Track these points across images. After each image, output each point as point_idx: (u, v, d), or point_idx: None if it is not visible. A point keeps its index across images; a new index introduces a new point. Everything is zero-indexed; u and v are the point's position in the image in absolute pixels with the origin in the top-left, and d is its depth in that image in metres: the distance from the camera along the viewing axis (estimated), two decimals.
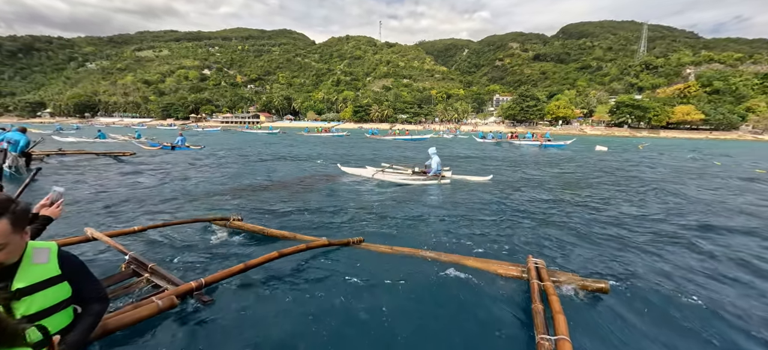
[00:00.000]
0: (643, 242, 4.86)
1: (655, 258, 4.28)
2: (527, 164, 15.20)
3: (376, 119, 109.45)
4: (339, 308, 2.90)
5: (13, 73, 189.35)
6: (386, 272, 3.54)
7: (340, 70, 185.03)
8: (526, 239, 4.88)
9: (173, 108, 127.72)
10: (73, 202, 6.48)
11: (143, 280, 2.85)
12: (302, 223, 5.51)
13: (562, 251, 4.47)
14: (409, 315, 2.83)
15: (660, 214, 6.55)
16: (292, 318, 2.74)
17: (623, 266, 3.98)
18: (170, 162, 13.56)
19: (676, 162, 18.38)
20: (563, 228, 5.47)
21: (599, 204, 7.37)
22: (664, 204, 7.56)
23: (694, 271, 3.92)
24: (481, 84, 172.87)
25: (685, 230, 5.53)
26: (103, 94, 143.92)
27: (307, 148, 23.15)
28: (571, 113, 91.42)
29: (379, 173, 10.12)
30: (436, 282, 3.36)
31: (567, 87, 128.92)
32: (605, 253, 4.42)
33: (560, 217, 6.16)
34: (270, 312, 2.80)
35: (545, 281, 2.85)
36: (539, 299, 2.54)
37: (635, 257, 4.28)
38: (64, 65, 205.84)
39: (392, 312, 2.84)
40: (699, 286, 3.54)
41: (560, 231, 5.33)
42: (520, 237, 4.93)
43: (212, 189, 8.33)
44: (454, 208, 6.59)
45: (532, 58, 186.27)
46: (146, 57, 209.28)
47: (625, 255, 4.36)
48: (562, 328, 2.11)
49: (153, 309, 2.22)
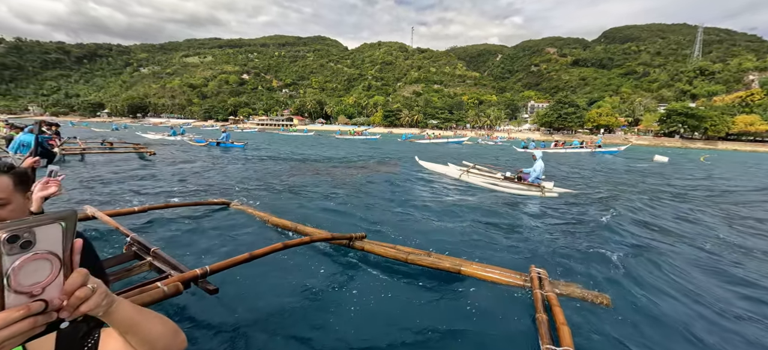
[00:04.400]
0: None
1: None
2: (610, 175, 13.77)
3: (405, 124, 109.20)
4: (339, 305, 2.87)
5: (78, 76, 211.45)
6: (387, 272, 3.48)
7: (372, 76, 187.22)
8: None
9: (214, 110, 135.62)
10: (88, 186, 6.49)
11: (146, 264, 2.76)
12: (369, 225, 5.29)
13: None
14: (407, 319, 2.73)
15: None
16: (293, 311, 2.73)
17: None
18: (214, 156, 14.16)
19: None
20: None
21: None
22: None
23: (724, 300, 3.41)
24: (514, 90, 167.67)
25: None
26: (153, 96, 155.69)
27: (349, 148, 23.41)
28: (614, 121, 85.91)
29: (464, 174, 9.07)
30: (435, 286, 3.27)
31: (609, 93, 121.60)
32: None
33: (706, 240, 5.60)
34: (272, 303, 2.78)
35: (548, 291, 2.76)
36: (543, 308, 2.48)
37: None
38: (121, 70, 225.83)
39: (390, 314, 2.78)
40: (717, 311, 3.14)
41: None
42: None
43: (241, 180, 8.46)
44: (568, 233, 5.40)
45: (571, 64, 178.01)
46: (192, 63, 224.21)
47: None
48: (567, 339, 2.08)
49: (158, 294, 2.14)
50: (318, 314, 2.71)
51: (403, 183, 8.90)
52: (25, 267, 0.51)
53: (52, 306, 0.53)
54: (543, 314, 2.43)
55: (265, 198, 6.40)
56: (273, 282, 3.10)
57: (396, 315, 2.78)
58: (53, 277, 0.54)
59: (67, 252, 0.56)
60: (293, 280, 3.17)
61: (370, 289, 3.15)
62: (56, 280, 0.54)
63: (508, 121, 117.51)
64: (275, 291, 2.96)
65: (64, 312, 0.55)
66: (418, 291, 3.16)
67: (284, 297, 2.88)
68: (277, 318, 2.60)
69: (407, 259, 3.49)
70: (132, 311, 0.68)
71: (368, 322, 2.66)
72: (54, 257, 0.54)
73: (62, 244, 0.55)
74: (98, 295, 0.58)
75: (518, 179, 8.49)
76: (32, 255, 0.52)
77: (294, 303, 2.82)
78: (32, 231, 0.51)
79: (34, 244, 0.52)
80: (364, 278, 3.36)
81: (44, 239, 0.53)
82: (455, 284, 3.28)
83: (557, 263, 4.14)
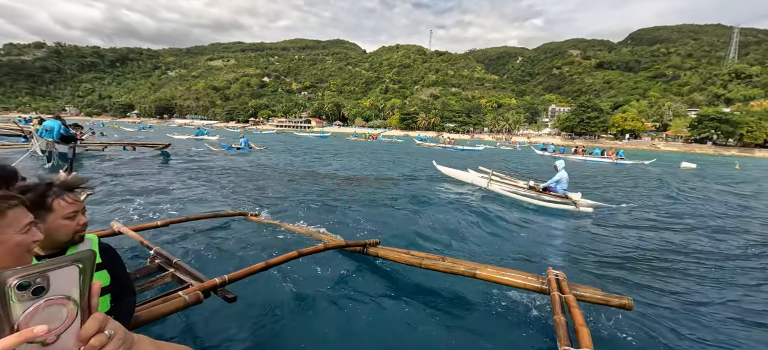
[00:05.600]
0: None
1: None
2: (639, 184, 13.20)
3: (422, 127, 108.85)
4: (354, 311, 2.91)
5: (111, 79, 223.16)
6: (401, 278, 3.50)
7: (389, 78, 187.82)
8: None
9: (235, 112, 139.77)
10: (109, 195, 6.73)
11: (169, 275, 2.89)
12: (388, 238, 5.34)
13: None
14: (423, 324, 2.75)
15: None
16: (309, 318, 2.79)
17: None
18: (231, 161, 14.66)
19: None
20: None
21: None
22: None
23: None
24: (535, 93, 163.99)
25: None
26: (179, 98, 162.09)
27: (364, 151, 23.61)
28: (640, 126, 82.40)
29: (488, 182, 8.69)
30: (451, 291, 3.27)
31: (636, 97, 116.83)
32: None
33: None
34: (289, 310, 2.86)
35: (566, 293, 2.68)
36: (561, 311, 2.41)
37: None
38: (150, 73, 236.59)
39: (407, 320, 2.79)
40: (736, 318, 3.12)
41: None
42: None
43: (257, 187, 8.68)
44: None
45: (595, 66, 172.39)
46: (216, 66, 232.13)
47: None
48: (586, 341, 2.04)
49: (180, 303, 2.24)
50: (333, 320, 2.78)
51: (419, 191, 8.93)
52: (38, 315, 0.49)
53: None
54: (561, 316, 2.35)
55: (280, 205, 6.60)
56: (289, 290, 3.21)
57: (412, 320, 2.80)
58: (69, 323, 0.51)
59: (84, 296, 0.54)
60: (309, 287, 3.27)
61: (385, 295, 3.20)
62: (73, 326, 0.52)
63: (528, 124, 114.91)
64: (291, 299, 3.06)
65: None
66: (433, 296, 3.18)
67: (300, 304, 2.97)
68: (294, 324, 2.69)
69: (421, 264, 3.48)
70: (151, 349, 0.67)
71: (384, 328, 2.70)
72: (70, 302, 0.52)
73: (79, 287, 0.53)
74: (115, 342, 0.55)
75: (544, 191, 8.08)
76: (45, 301, 0.49)
77: (310, 310, 2.91)
78: (46, 275, 0.49)
79: (48, 290, 0.50)
80: (379, 284, 3.41)
81: (59, 283, 0.51)
82: (471, 288, 3.28)
83: (577, 268, 4.11)
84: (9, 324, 0.47)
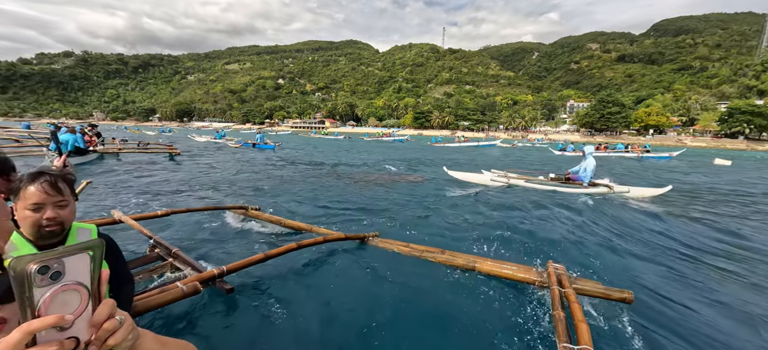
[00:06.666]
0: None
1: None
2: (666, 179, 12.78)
3: (436, 125, 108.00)
4: (352, 303, 2.87)
5: (134, 84, 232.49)
6: (399, 269, 3.43)
7: (402, 77, 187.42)
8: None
9: (251, 114, 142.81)
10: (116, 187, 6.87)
11: (168, 265, 2.89)
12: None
13: None
14: (421, 316, 2.69)
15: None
16: (307, 309, 2.75)
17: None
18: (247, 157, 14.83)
19: None
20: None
21: None
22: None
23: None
24: (552, 89, 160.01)
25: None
26: (198, 101, 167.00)
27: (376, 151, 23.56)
28: (665, 121, 78.89)
29: (502, 178, 8.55)
30: (450, 283, 3.21)
31: (660, 91, 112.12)
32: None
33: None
34: (287, 301, 2.80)
35: (566, 288, 2.62)
36: (560, 306, 2.38)
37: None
38: (170, 78, 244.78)
39: (404, 312, 2.74)
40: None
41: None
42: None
43: (265, 182, 8.70)
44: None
45: (616, 59, 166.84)
46: (232, 69, 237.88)
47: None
48: (585, 337, 2.04)
49: (178, 293, 2.21)
50: (331, 311, 2.71)
51: (427, 185, 8.72)
52: (55, 299, 0.50)
53: (82, 340, 0.52)
54: (560, 311, 2.31)
55: (283, 201, 6.56)
56: (288, 281, 3.15)
57: (409, 312, 2.75)
58: (82, 309, 0.53)
59: (95, 283, 0.55)
60: (308, 279, 3.22)
61: (383, 286, 3.14)
62: (85, 312, 0.53)
63: (545, 121, 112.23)
64: (290, 290, 3.00)
65: (92, 346, 0.53)
66: (432, 289, 3.10)
67: (299, 295, 2.91)
68: (292, 315, 2.62)
69: (421, 256, 3.48)
70: (154, 346, 0.67)
71: (381, 319, 2.63)
72: (82, 288, 0.53)
73: (90, 274, 0.54)
74: (125, 328, 0.57)
75: (566, 180, 7.70)
76: (61, 286, 0.50)
77: (308, 300, 2.84)
78: (62, 261, 0.51)
79: (64, 275, 0.51)
80: (378, 275, 3.34)
81: (73, 269, 0.52)
82: (470, 281, 3.20)
83: (580, 261, 3.90)
84: (31, 308, 0.49)
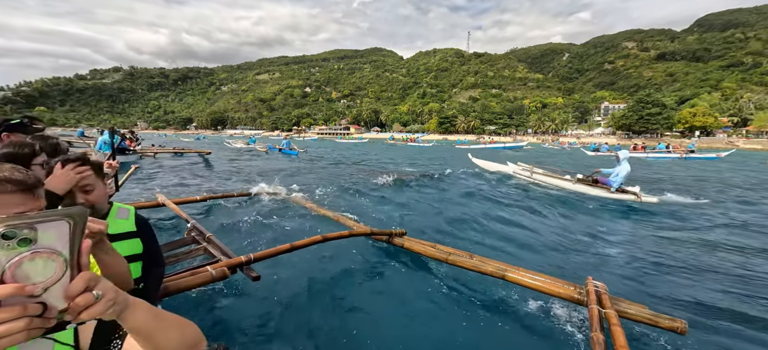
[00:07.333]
0: None
1: None
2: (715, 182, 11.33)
3: (461, 130, 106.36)
4: (374, 299, 2.85)
5: (174, 96, 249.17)
6: (426, 271, 3.36)
7: (426, 83, 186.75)
8: None
9: (280, 121, 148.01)
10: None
11: (201, 249, 3.05)
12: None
13: None
14: (445, 322, 2.59)
15: None
16: (328, 301, 2.78)
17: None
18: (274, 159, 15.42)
19: None
20: None
21: None
22: None
23: None
24: (584, 91, 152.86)
25: None
26: (231, 110, 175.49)
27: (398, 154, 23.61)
28: (713, 121, 72.84)
29: (526, 171, 8.19)
30: (477, 290, 3.07)
31: (706, 90, 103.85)
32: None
33: None
34: (310, 293, 2.86)
35: (607, 308, 2.39)
36: (599, 327, 2.20)
37: None
38: (206, 89, 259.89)
39: (428, 315, 2.67)
40: None
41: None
42: None
43: (292, 177, 8.93)
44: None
45: (655, 58, 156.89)
46: (263, 79, 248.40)
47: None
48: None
49: (207, 277, 2.33)
50: (354, 307, 2.76)
51: (453, 182, 8.64)
52: (24, 265, 0.48)
53: (53, 308, 0.51)
54: (599, 333, 2.12)
55: (312, 190, 6.79)
56: (312, 273, 3.24)
57: (433, 316, 2.70)
58: (56, 278, 0.51)
59: (74, 252, 0.52)
60: (332, 273, 3.29)
61: (407, 287, 3.12)
62: (61, 281, 0.51)
63: (577, 124, 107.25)
64: (314, 282, 3.09)
65: (68, 315, 0.52)
66: (457, 295, 3.03)
67: (322, 289, 2.99)
68: (314, 307, 2.70)
69: (447, 259, 3.35)
70: (147, 316, 0.65)
71: (404, 320, 2.63)
72: (57, 256, 0.50)
73: (69, 243, 0.51)
74: (103, 303, 0.55)
75: (594, 182, 7.29)
76: (30, 252, 0.48)
77: (331, 295, 2.91)
78: (34, 227, 0.48)
79: (35, 242, 0.49)
80: (403, 275, 3.34)
81: (48, 236, 0.50)
82: (498, 291, 3.08)
83: (622, 280, 3.64)
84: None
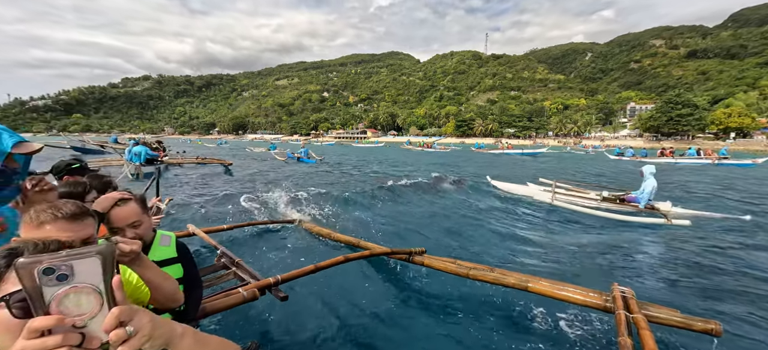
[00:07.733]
0: None
1: None
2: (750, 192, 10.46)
3: (479, 134, 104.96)
4: (397, 318, 2.95)
5: (198, 102, 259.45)
6: (447, 288, 3.42)
7: (443, 86, 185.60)
8: None
9: (298, 125, 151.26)
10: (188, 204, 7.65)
11: (231, 273, 3.23)
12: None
13: None
14: (469, 338, 2.65)
15: None
16: (355, 321, 2.92)
17: None
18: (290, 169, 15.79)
19: None
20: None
21: None
22: None
23: None
24: (609, 91, 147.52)
25: None
26: (251, 115, 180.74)
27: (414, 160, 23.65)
28: (750, 122, 68.59)
29: (547, 193, 7.85)
30: (499, 304, 3.13)
31: (742, 89, 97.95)
32: None
33: None
34: (334, 312, 3.01)
35: (634, 313, 2.34)
36: (627, 332, 2.16)
37: None
38: (228, 95, 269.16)
39: (452, 332, 2.71)
40: None
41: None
42: None
43: (310, 192, 9.11)
44: None
45: (685, 56, 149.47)
46: (282, 85, 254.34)
47: None
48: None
49: (239, 298, 2.50)
50: (377, 325, 2.88)
51: (471, 201, 8.63)
52: (67, 299, 0.53)
53: (96, 339, 0.55)
54: (627, 338, 2.08)
55: (329, 212, 6.95)
56: (336, 293, 3.40)
57: (457, 333, 2.76)
58: (96, 311, 0.55)
59: (108, 287, 0.57)
60: (355, 292, 3.44)
61: (429, 304, 3.20)
62: (100, 314, 0.56)
63: (601, 126, 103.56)
64: (338, 301, 3.24)
65: (111, 348, 0.56)
66: (480, 309, 3.09)
67: (346, 308, 3.14)
68: (340, 326, 2.85)
69: (468, 275, 3.35)
70: (193, 345, 0.69)
71: (427, 337, 2.71)
72: (94, 290, 0.55)
73: (102, 277, 0.56)
74: (137, 339, 0.58)
75: (620, 201, 7.01)
76: (71, 287, 0.53)
77: (355, 313, 3.05)
78: (69, 264, 0.53)
79: (72, 277, 0.53)
80: (424, 293, 3.42)
81: (83, 272, 0.54)
82: (522, 302, 3.13)
83: (650, 289, 3.60)
84: (42, 306, 0.52)
